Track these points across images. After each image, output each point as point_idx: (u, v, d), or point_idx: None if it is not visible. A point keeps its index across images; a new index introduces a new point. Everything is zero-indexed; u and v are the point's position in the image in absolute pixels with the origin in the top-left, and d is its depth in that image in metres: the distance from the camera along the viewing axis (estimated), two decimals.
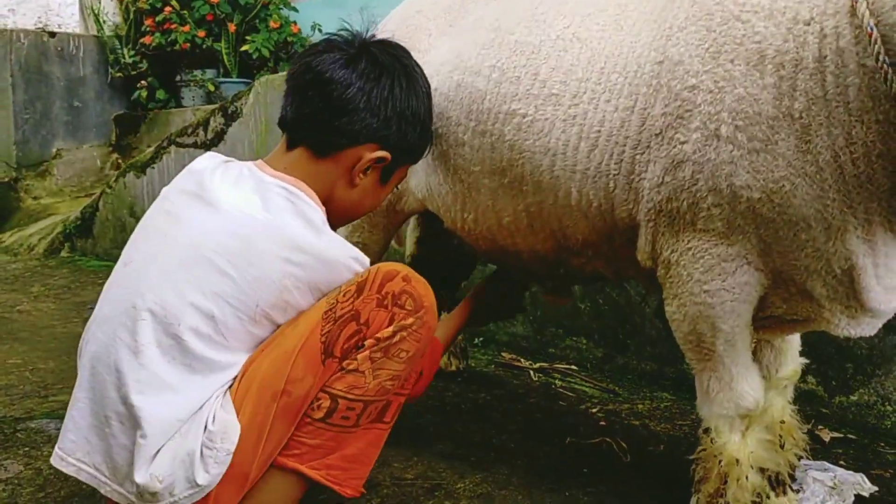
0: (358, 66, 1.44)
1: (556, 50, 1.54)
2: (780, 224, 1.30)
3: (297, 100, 1.46)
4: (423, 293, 1.36)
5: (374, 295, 1.33)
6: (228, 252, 1.32)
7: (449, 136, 1.67)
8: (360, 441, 1.36)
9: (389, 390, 1.35)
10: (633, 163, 1.41)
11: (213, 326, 1.31)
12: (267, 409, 1.30)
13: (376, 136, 1.45)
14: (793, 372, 1.59)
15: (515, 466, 1.85)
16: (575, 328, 2.59)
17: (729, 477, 1.43)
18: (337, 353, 1.32)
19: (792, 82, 1.24)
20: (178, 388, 1.29)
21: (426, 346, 1.39)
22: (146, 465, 1.28)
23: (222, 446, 1.28)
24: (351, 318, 1.33)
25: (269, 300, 1.32)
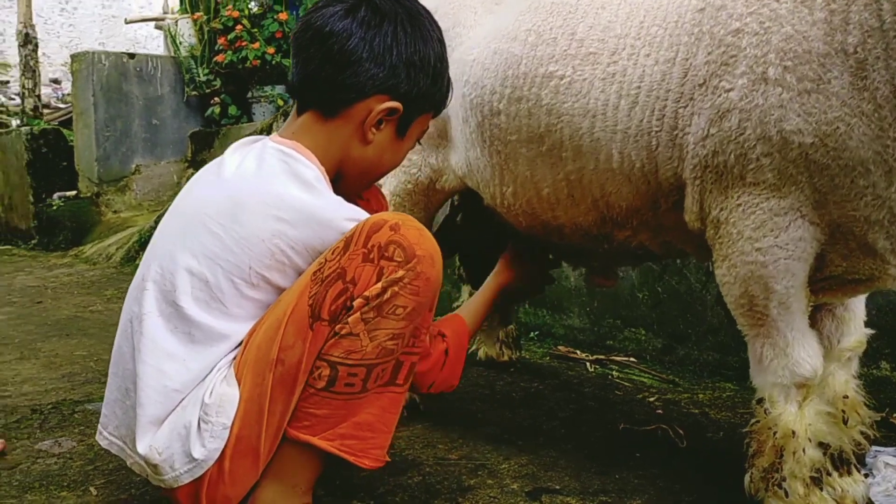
0: (357, 14, 1.34)
1: (593, 8, 1.49)
2: (836, 170, 1.21)
3: (300, 61, 1.38)
4: (414, 241, 1.25)
5: (360, 249, 1.24)
6: (220, 214, 1.29)
7: (484, 106, 1.64)
8: (372, 407, 1.28)
9: (393, 350, 1.26)
10: (676, 117, 1.34)
11: (209, 291, 1.28)
12: (264, 379, 1.25)
13: (384, 86, 1.35)
14: (856, 343, 1.48)
15: (564, 450, 1.78)
16: (633, 319, 2.50)
17: (785, 450, 1.33)
18: (325, 316, 1.24)
19: (844, 15, 1.16)
20: (178, 356, 1.28)
21: (429, 298, 1.28)
22: (146, 436, 1.27)
23: (217, 420, 1.25)
24: (337, 276, 1.24)
25: (263, 262, 1.27)
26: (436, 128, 1.83)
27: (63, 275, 4.84)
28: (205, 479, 1.27)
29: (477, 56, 1.68)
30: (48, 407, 2.14)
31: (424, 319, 1.31)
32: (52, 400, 2.21)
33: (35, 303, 3.89)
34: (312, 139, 1.37)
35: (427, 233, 1.29)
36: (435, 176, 1.86)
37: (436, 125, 1.83)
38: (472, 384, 2.27)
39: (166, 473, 1.27)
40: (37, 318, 3.47)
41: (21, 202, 6.42)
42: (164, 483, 1.28)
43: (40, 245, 6.17)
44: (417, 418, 1.95)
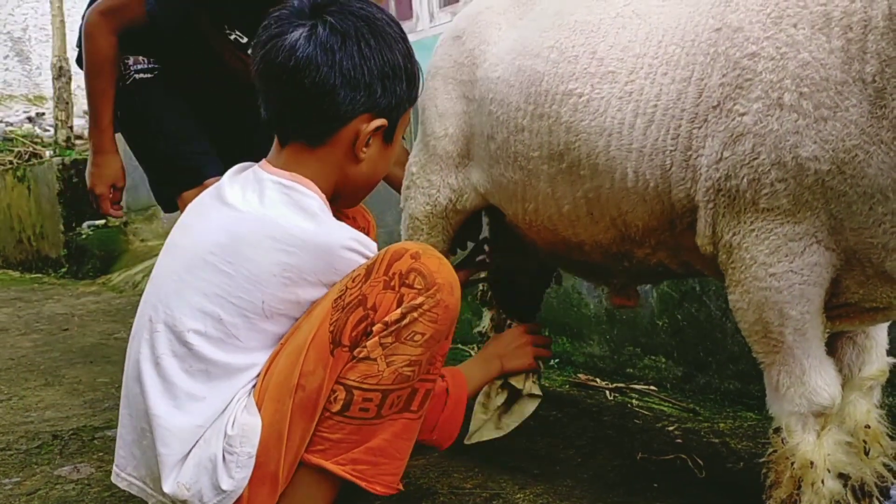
0: (317, 39, 1.30)
1: (614, 27, 1.50)
2: (854, 197, 1.19)
3: (270, 97, 1.36)
4: (434, 269, 1.26)
5: (382, 277, 1.26)
6: (224, 251, 1.28)
7: (510, 123, 1.65)
8: (385, 433, 1.28)
9: (410, 377, 1.27)
10: (690, 138, 1.33)
11: (223, 329, 1.27)
12: (284, 405, 1.25)
13: (365, 107, 1.34)
14: (878, 371, 1.45)
15: (580, 479, 1.76)
16: (653, 347, 2.47)
17: (803, 482, 1.30)
18: (345, 342, 1.25)
19: (861, 44, 1.15)
20: (198, 395, 1.28)
21: (447, 326, 1.29)
22: (172, 474, 1.27)
23: (242, 450, 1.25)
24: (358, 303, 1.26)
25: (276, 295, 1.27)
26: (457, 147, 1.84)
27: (90, 302, 4.91)
28: None
29: (501, 73, 1.69)
30: (68, 433, 2.16)
31: (441, 347, 1.32)
32: (73, 426, 2.23)
33: (62, 330, 3.95)
34: (306, 168, 1.35)
35: (447, 263, 1.30)
36: (455, 196, 1.87)
37: (457, 145, 1.84)
38: None
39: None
40: (62, 346, 3.52)
41: (52, 231, 6.53)
42: None
43: (69, 273, 6.27)
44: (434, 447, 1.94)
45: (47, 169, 6.55)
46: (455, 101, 1.83)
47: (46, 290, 5.56)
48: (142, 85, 2.22)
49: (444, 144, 1.84)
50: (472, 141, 1.80)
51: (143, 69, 2.23)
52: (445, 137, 1.84)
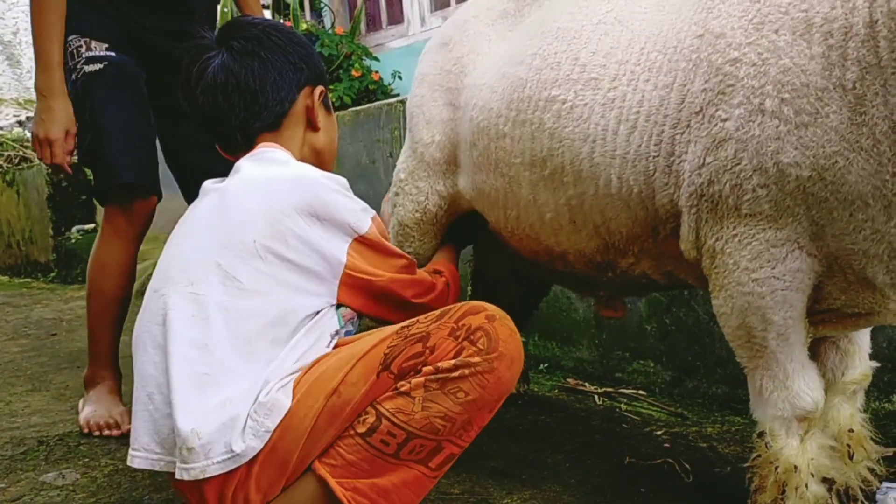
0: (237, 54, 1.49)
1: (597, 34, 1.50)
2: (834, 204, 1.20)
3: (222, 116, 1.50)
4: (503, 337, 1.27)
5: (451, 323, 1.28)
6: (214, 212, 1.40)
7: (491, 129, 1.65)
8: (395, 476, 1.28)
9: (439, 430, 1.26)
10: (673, 143, 1.34)
11: (223, 273, 1.33)
12: (316, 402, 1.27)
13: (302, 82, 1.53)
14: (861, 376, 1.45)
15: (568, 484, 1.76)
16: (641, 351, 2.47)
17: (787, 486, 1.30)
18: (394, 370, 1.28)
19: (842, 51, 1.16)
20: (205, 343, 1.30)
21: (495, 398, 1.28)
22: (188, 416, 1.27)
23: (264, 421, 1.26)
24: (420, 338, 1.28)
25: (264, 232, 1.33)
26: (444, 154, 1.84)
27: (79, 307, 4.88)
28: (235, 477, 1.27)
29: (487, 80, 1.70)
30: (54, 439, 2.15)
31: (482, 417, 1.31)
32: (59, 432, 2.22)
33: (50, 335, 3.93)
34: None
35: (517, 337, 1.32)
36: (443, 203, 1.87)
37: (444, 152, 1.84)
38: None
39: (198, 461, 1.26)
40: (50, 351, 3.50)
41: (41, 236, 6.50)
42: (191, 473, 1.26)
43: (59, 278, 6.24)
44: None
45: (36, 173, 6.52)
46: (442, 108, 1.83)
47: (35, 295, 5.53)
48: (89, 80, 2.12)
49: (431, 151, 1.85)
50: (458, 148, 1.81)
51: (93, 58, 2.13)
52: (433, 144, 1.84)
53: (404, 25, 6.05)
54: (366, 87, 5.81)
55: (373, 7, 6.51)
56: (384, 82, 5.81)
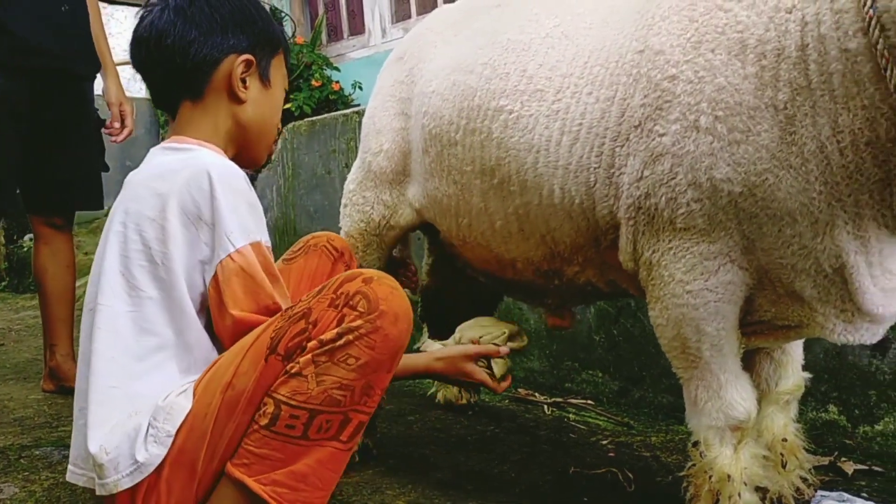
0: (170, 8, 1.42)
1: (544, 47, 1.53)
2: (764, 219, 1.23)
3: (149, 73, 1.46)
4: (382, 296, 1.24)
5: (330, 294, 1.26)
6: (117, 217, 1.36)
7: (443, 137, 1.66)
8: (310, 458, 1.25)
9: (340, 401, 1.24)
10: (613, 156, 1.37)
11: (124, 281, 1.31)
12: (213, 398, 1.26)
13: (228, 47, 1.43)
14: (794, 386, 1.49)
15: (512, 494, 1.77)
16: (591, 362, 2.50)
17: (721, 495, 1.33)
18: (280, 351, 1.25)
19: (774, 72, 1.19)
20: (112, 356, 1.29)
21: (387, 357, 1.26)
22: (97, 435, 1.27)
23: (163, 426, 1.25)
24: (301, 315, 1.26)
25: (158, 236, 1.31)
26: (392, 163, 1.85)
27: (29, 317, 4.78)
28: (142, 487, 1.26)
29: (436, 87, 1.71)
30: None
31: (380, 379, 1.28)
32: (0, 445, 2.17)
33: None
34: (194, 126, 1.44)
35: (401, 293, 1.29)
36: (388, 213, 1.87)
37: (392, 161, 1.85)
38: (428, 428, 2.25)
39: (109, 476, 1.25)
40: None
41: None
42: (106, 488, 1.26)
43: (10, 287, 6.10)
44: (369, 463, 1.93)
45: None
46: (393, 117, 1.84)
47: None
48: None
49: (379, 161, 1.85)
50: (409, 157, 1.82)
51: None
52: (381, 153, 1.85)
53: (365, 36, 6.06)
54: (326, 98, 5.79)
55: (334, 17, 6.51)
56: (345, 93, 5.80)
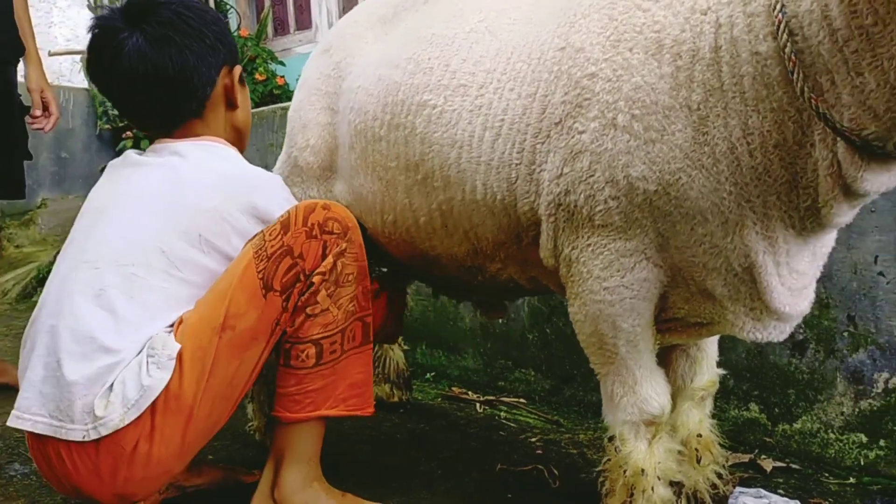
0: (152, 38, 1.45)
1: (468, 42, 1.53)
2: (677, 218, 1.25)
3: (143, 105, 1.51)
4: (344, 215, 1.47)
5: (302, 228, 1.41)
6: (165, 197, 1.42)
7: (367, 132, 1.65)
8: (355, 368, 1.48)
9: (354, 311, 1.47)
10: (534, 153, 1.37)
11: (166, 260, 1.38)
12: (209, 343, 1.34)
13: (220, 64, 1.54)
14: (709, 382, 1.52)
15: (437, 492, 1.77)
16: (524, 360, 2.51)
17: (635, 489, 1.34)
18: (277, 287, 1.39)
19: (689, 73, 1.20)
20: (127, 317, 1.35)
21: (364, 261, 1.49)
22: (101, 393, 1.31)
23: (163, 352, 1.32)
24: (284, 253, 1.39)
25: (211, 228, 1.40)
26: (318, 159, 1.83)
27: None
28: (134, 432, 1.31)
29: (362, 83, 1.70)
30: None
31: (367, 280, 1.52)
32: None
33: None
34: (206, 133, 1.54)
35: (348, 210, 1.52)
36: None
37: (318, 156, 1.83)
38: (357, 425, 2.23)
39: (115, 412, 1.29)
40: None
41: None
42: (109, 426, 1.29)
43: None
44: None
45: None
46: (319, 112, 1.82)
47: None
48: None
49: (305, 156, 1.83)
50: (336, 153, 1.80)
51: None
52: (307, 148, 1.83)
53: (312, 31, 6.00)
54: (270, 92, 5.73)
55: (281, 11, 6.43)
56: (290, 87, 5.74)
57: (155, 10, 1.47)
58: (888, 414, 1.75)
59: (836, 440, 1.85)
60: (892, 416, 1.75)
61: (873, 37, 1.01)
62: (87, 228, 1.46)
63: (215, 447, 1.93)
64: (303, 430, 1.49)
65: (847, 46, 1.04)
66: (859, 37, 1.02)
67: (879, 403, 1.77)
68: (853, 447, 1.81)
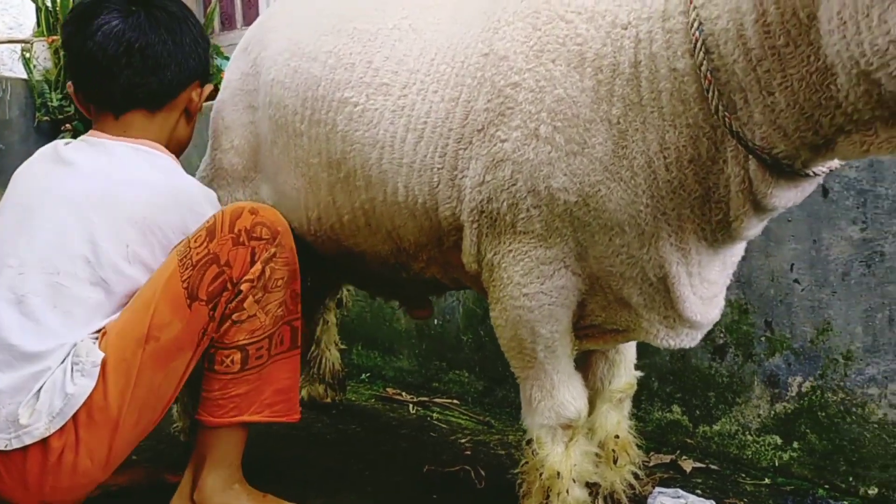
0: (144, 24, 1.51)
1: (391, 39, 1.51)
2: (596, 228, 1.28)
3: (109, 75, 1.51)
4: (274, 219, 1.46)
5: (228, 235, 1.39)
6: (93, 202, 1.41)
7: (288, 127, 1.63)
8: (282, 373, 1.48)
9: (282, 316, 1.46)
10: (457, 158, 1.37)
11: (91, 269, 1.37)
12: (133, 354, 1.34)
13: (194, 74, 1.60)
14: (627, 385, 1.56)
15: (363, 493, 1.78)
16: (458, 361, 2.54)
17: (551, 491, 1.37)
18: (202, 296, 1.37)
19: (610, 87, 1.22)
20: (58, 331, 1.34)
21: (294, 265, 1.48)
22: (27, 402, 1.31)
23: (88, 359, 1.32)
24: (210, 261, 1.38)
25: (138, 239, 1.40)
26: (243, 160, 1.82)
27: None
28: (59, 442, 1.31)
29: (276, 76, 1.67)
30: None
31: (298, 283, 1.51)
32: None
33: None
34: (147, 132, 1.55)
35: (277, 212, 1.51)
36: None
37: (243, 158, 1.81)
38: (288, 426, 2.19)
39: (40, 420, 1.29)
40: None
41: None
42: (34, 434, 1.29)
43: None
44: None
45: None
46: (241, 111, 1.80)
47: None
48: None
49: (229, 157, 1.81)
50: (259, 151, 1.78)
51: None
52: (231, 150, 1.81)
53: None
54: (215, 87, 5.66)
55: (228, 6, 6.35)
56: None
57: (165, 2, 1.58)
58: (801, 417, 1.82)
59: (752, 442, 1.91)
60: (805, 419, 1.81)
61: (785, 57, 1.04)
62: (12, 228, 1.44)
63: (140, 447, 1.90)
64: (225, 435, 1.48)
65: (760, 66, 1.07)
66: (771, 57, 1.05)
67: (793, 406, 1.83)
68: (769, 449, 1.88)
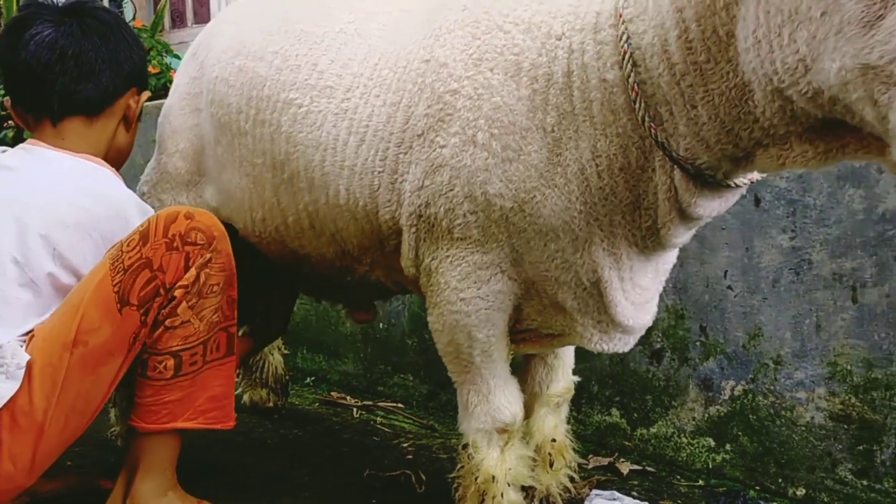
0: (77, 32, 1.53)
1: (336, 42, 1.52)
2: (531, 234, 1.30)
3: (43, 83, 1.52)
4: (210, 224, 1.43)
5: (162, 240, 1.38)
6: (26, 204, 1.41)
7: (232, 125, 1.63)
8: (216, 380, 1.46)
9: (218, 322, 1.44)
10: (397, 162, 1.39)
11: (20, 270, 1.36)
12: (60, 359, 1.32)
13: (130, 81, 1.61)
14: (564, 389, 1.58)
15: (301, 498, 1.77)
16: (402, 365, 2.54)
17: (486, 495, 1.39)
18: (133, 301, 1.35)
19: (544, 96, 1.25)
20: None
21: (232, 270, 1.47)
22: None
23: (12, 361, 1.30)
24: (143, 265, 1.36)
25: (68, 244, 1.39)
26: (188, 164, 1.80)
27: None
28: None
29: (220, 73, 1.67)
30: None
31: (234, 289, 1.49)
32: None
33: None
34: (85, 140, 1.56)
35: (214, 217, 1.49)
36: None
37: (188, 161, 1.79)
38: (227, 432, 2.15)
39: None
40: None
41: None
42: None
43: None
44: None
45: None
46: (187, 115, 1.79)
47: None
48: None
49: (175, 161, 1.80)
50: (203, 153, 1.77)
51: None
52: (177, 154, 1.79)
53: None
54: (164, 85, 5.56)
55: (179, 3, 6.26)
56: None
57: (98, 13, 1.59)
58: (733, 420, 1.86)
59: (687, 444, 1.95)
60: (737, 422, 1.86)
61: (706, 73, 1.08)
62: None
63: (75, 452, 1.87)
64: (158, 441, 1.47)
65: (683, 80, 1.10)
66: (694, 72, 1.09)
67: (726, 410, 1.88)
68: (702, 451, 1.92)
